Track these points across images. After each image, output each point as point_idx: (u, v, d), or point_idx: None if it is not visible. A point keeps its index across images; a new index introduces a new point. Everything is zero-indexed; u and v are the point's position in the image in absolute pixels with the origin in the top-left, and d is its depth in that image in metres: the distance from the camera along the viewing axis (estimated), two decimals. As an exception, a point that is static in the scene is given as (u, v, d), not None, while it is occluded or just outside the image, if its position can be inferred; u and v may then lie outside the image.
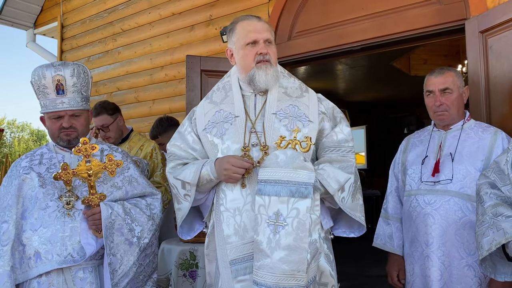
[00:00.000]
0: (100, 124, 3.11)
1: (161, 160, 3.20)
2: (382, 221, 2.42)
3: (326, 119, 1.87)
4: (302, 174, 1.58)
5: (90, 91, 2.12)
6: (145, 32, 4.98)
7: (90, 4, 5.66)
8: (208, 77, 3.59)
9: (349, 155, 1.81)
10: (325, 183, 1.67)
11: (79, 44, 5.79)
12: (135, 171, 2.13)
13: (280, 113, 1.81)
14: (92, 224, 1.89)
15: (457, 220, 2.04)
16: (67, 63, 2.01)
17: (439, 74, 2.22)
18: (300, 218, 1.54)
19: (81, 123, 2.03)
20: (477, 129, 2.18)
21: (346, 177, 1.73)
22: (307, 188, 1.56)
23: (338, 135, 1.83)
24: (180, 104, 4.47)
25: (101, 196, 1.93)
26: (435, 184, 2.12)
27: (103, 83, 5.42)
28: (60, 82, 1.95)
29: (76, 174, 1.89)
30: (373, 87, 8.47)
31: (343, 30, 3.50)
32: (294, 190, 1.56)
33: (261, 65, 1.83)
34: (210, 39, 4.37)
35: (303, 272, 1.51)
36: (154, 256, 2.09)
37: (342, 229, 1.88)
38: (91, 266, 1.92)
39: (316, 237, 1.58)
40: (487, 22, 2.70)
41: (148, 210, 2.05)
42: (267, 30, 1.88)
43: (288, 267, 1.50)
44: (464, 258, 2.02)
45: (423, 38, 3.30)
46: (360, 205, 1.82)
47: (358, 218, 1.78)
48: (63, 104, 1.98)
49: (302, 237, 1.53)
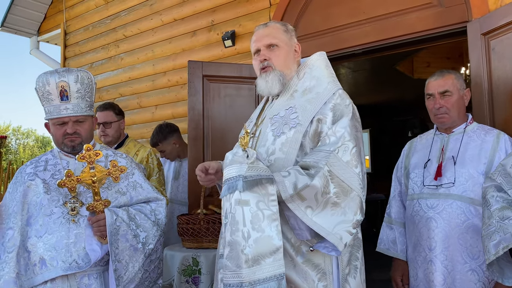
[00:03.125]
0: (103, 120, 3.15)
1: (156, 165, 3.22)
2: (385, 226, 2.41)
3: (326, 121, 1.68)
4: (233, 168, 1.53)
5: (94, 97, 2.12)
6: (147, 38, 5.00)
7: (93, 11, 5.69)
8: (210, 82, 3.59)
9: (322, 160, 1.58)
10: (281, 187, 1.53)
11: (82, 50, 5.82)
12: (140, 177, 2.13)
13: (275, 117, 1.79)
14: (97, 230, 1.89)
15: (460, 224, 2.02)
16: (71, 69, 2.01)
17: (438, 77, 2.22)
18: (232, 212, 1.48)
19: (85, 129, 2.04)
20: (479, 132, 2.16)
21: (304, 183, 1.53)
22: (236, 181, 1.49)
23: (331, 138, 1.65)
24: (182, 109, 4.48)
25: (105, 202, 1.92)
26: (438, 188, 2.11)
27: (106, 89, 5.44)
28: (64, 88, 1.96)
29: (80, 181, 1.88)
30: (376, 90, 8.45)
31: (344, 34, 3.49)
32: (230, 186, 1.51)
33: (261, 73, 1.85)
34: (212, 44, 4.38)
35: (241, 267, 1.43)
36: (159, 261, 2.08)
37: (326, 244, 1.60)
38: (96, 272, 1.92)
39: (271, 233, 1.46)
40: (489, 24, 2.69)
41: (152, 216, 2.05)
42: (269, 34, 1.86)
43: (231, 263, 1.45)
44: (468, 262, 2.00)
45: (425, 41, 3.29)
46: (344, 221, 1.56)
47: (326, 234, 1.53)
48: (67, 110, 1.98)
49: (234, 230, 1.46)
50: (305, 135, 1.70)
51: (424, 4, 3.14)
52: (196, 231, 2.80)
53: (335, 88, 1.77)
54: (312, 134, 1.69)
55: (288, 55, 1.86)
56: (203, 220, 2.79)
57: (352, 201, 1.58)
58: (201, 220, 2.79)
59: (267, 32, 1.87)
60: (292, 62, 1.87)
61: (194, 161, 3.46)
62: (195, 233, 2.81)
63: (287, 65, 1.85)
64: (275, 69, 1.83)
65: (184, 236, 2.86)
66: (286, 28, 1.90)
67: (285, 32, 1.88)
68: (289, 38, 1.88)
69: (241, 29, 4.14)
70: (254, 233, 1.45)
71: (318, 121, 1.69)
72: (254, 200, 1.48)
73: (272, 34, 1.86)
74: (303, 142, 1.69)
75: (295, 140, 1.69)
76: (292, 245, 1.62)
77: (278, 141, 1.72)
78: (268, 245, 1.46)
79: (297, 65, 1.90)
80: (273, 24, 1.91)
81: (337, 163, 1.59)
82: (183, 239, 2.89)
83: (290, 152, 1.68)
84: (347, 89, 1.88)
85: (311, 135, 1.69)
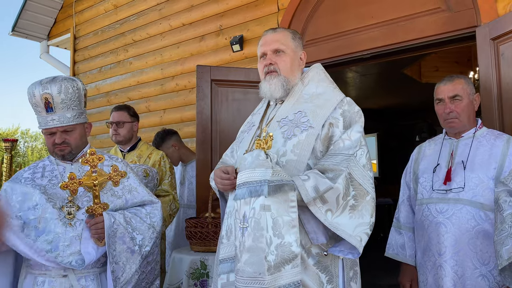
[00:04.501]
0: (116, 119, 3.21)
1: (169, 169, 3.25)
2: (394, 231, 2.40)
3: (338, 125, 1.75)
4: (258, 172, 1.52)
5: (84, 103, 2.09)
6: (156, 42, 5.03)
7: (102, 15, 5.75)
8: (218, 86, 3.61)
9: (343, 163, 1.63)
10: (302, 191, 1.56)
11: (92, 55, 5.88)
12: (135, 180, 2.16)
13: (284, 121, 1.81)
14: (95, 233, 1.93)
15: (470, 229, 2.01)
16: (56, 79, 1.98)
17: (448, 81, 2.21)
18: (255, 217, 1.47)
19: (74, 137, 2.05)
20: (489, 137, 2.15)
21: (327, 186, 1.56)
22: (261, 186, 1.49)
23: (345, 142, 1.70)
24: (190, 113, 4.50)
25: (104, 206, 1.97)
26: (447, 193, 2.10)
27: (115, 93, 5.49)
28: (48, 100, 1.95)
29: (82, 183, 1.92)
30: (384, 94, 8.43)
31: (353, 39, 3.50)
32: (252, 190, 1.50)
33: (266, 76, 1.89)
34: (220, 49, 4.41)
35: (264, 274, 1.43)
36: (156, 263, 2.12)
37: (342, 247, 1.64)
38: (93, 274, 1.97)
39: (290, 240, 1.47)
40: (498, 29, 2.68)
41: (148, 219, 2.09)
42: (277, 40, 1.89)
43: (251, 269, 1.45)
44: (478, 268, 1.98)
45: (433, 45, 3.29)
46: (362, 224, 1.60)
47: (348, 237, 1.56)
48: (53, 121, 1.99)
49: (258, 236, 1.45)
50: (317, 138, 1.73)
51: (432, 8, 3.14)
52: (204, 235, 2.82)
53: (341, 95, 1.84)
54: (323, 137, 1.74)
55: (293, 62, 1.90)
56: (211, 224, 2.80)
57: (368, 204, 1.64)
58: (209, 224, 2.81)
59: (276, 38, 1.90)
60: (297, 69, 1.92)
61: (202, 164, 3.48)
62: (203, 237, 2.82)
63: (291, 71, 1.89)
64: (280, 74, 1.86)
65: (192, 240, 2.88)
66: (294, 36, 1.94)
67: (293, 40, 1.92)
68: (296, 46, 1.93)
69: (249, 33, 4.16)
70: (275, 239, 1.46)
71: (330, 125, 1.75)
72: (275, 205, 1.49)
73: (280, 40, 1.89)
74: (314, 145, 1.72)
75: (308, 143, 1.72)
76: (302, 247, 1.63)
77: (289, 143, 1.73)
78: (288, 252, 1.48)
79: (301, 72, 1.95)
80: (282, 30, 1.95)
81: (356, 166, 1.65)
82: (191, 242, 2.90)
83: (303, 155, 1.71)
84: (354, 93, 1.93)
85: (322, 138, 1.74)
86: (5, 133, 30.46)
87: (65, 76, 2.04)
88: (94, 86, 5.77)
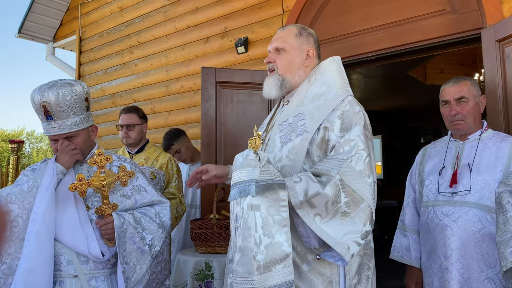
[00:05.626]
0: (126, 122, 3.21)
1: (176, 172, 3.24)
2: (399, 233, 2.39)
3: (334, 129, 1.66)
4: (245, 172, 1.49)
5: (87, 107, 2.03)
6: (161, 44, 5.05)
7: (107, 17, 5.78)
8: (223, 88, 3.62)
9: (334, 169, 1.56)
10: (291, 192, 1.51)
11: (97, 56, 5.91)
12: (144, 180, 2.16)
13: (284, 124, 1.78)
14: (105, 233, 1.93)
15: (476, 232, 2.00)
16: (54, 85, 1.91)
17: (454, 83, 2.20)
18: (244, 217, 1.45)
19: (78, 142, 2.00)
20: (495, 139, 2.14)
21: (316, 191, 1.51)
22: (248, 185, 1.46)
23: (344, 147, 1.61)
24: (195, 115, 4.52)
25: (113, 206, 1.97)
26: (453, 195, 2.09)
27: (120, 95, 5.51)
28: (46, 108, 1.91)
29: (91, 184, 1.92)
30: (389, 96, 8.42)
31: (357, 40, 3.50)
32: (241, 190, 1.48)
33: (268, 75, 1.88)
34: (225, 51, 4.42)
35: (253, 274, 1.40)
36: (166, 263, 2.12)
37: (333, 253, 1.57)
38: (103, 275, 1.96)
39: (281, 239, 1.44)
40: (503, 31, 2.68)
41: (157, 219, 2.09)
42: (279, 38, 1.86)
43: (242, 269, 1.42)
44: (484, 271, 1.97)
45: (438, 47, 3.28)
46: (352, 231, 1.53)
47: (334, 244, 1.50)
48: (54, 129, 1.95)
49: (246, 236, 1.43)
50: (312, 142, 1.68)
51: (438, 10, 3.13)
52: (209, 236, 2.82)
53: (344, 94, 1.74)
54: (319, 141, 1.67)
55: (294, 60, 1.83)
56: (216, 225, 2.80)
57: (362, 212, 1.55)
58: (214, 225, 2.81)
59: (279, 35, 1.88)
60: (299, 67, 1.83)
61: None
62: (207, 238, 2.82)
63: (290, 69, 1.83)
64: (277, 73, 1.83)
65: (197, 241, 2.88)
66: (300, 31, 1.86)
67: (296, 36, 1.85)
68: (300, 42, 1.84)
69: (254, 35, 4.17)
70: (265, 239, 1.43)
71: (325, 129, 1.67)
72: (265, 205, 1.45)
73: (282, 37, 1.86)
74: (309, 149, 1.67)
75: (302, 148, 1.66)
76: (297, 253, 1.61)
77: (285, 148, 1.70)
78: (278, 252, 1.44)
79: (310, 69, 1.85)
80: (289, 27, 1.89)
81: (350, 172, 1.56)
82: (196, 243, 2.91)
83: (297, 160, 1.67)
84: (359, 95, 1.89)
85: (318, 142, 1.67)
86: (11, 135, 30.64)
87: (65, 81, 1.96)
88: (99, 88, 5.80)
